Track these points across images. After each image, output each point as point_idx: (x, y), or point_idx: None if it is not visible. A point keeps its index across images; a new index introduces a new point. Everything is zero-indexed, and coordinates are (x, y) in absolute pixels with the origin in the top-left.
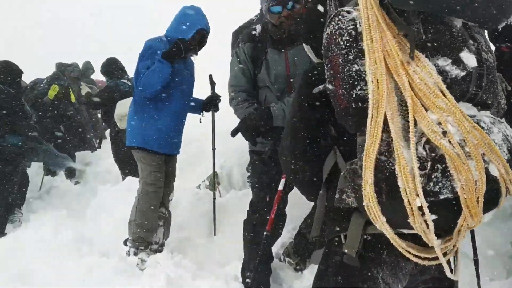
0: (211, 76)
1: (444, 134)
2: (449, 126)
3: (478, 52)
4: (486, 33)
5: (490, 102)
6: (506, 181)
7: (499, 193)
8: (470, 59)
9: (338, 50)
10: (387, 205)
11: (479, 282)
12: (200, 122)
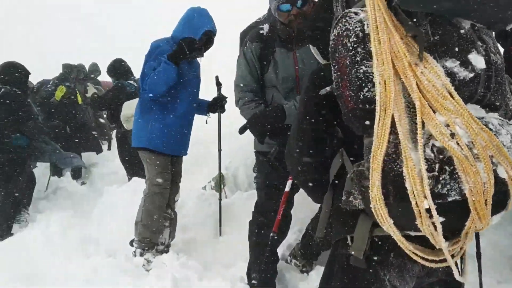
0: (217, 78)
1: (452, 136)
2: (457, 128)
3: (486, 53)
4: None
5: (498, 104)
6: None
7: (507, 195)
8: (478, 60)
9: (345, 51)
10: (395, 207)
11: (480, 282)
12: (206, 123)
